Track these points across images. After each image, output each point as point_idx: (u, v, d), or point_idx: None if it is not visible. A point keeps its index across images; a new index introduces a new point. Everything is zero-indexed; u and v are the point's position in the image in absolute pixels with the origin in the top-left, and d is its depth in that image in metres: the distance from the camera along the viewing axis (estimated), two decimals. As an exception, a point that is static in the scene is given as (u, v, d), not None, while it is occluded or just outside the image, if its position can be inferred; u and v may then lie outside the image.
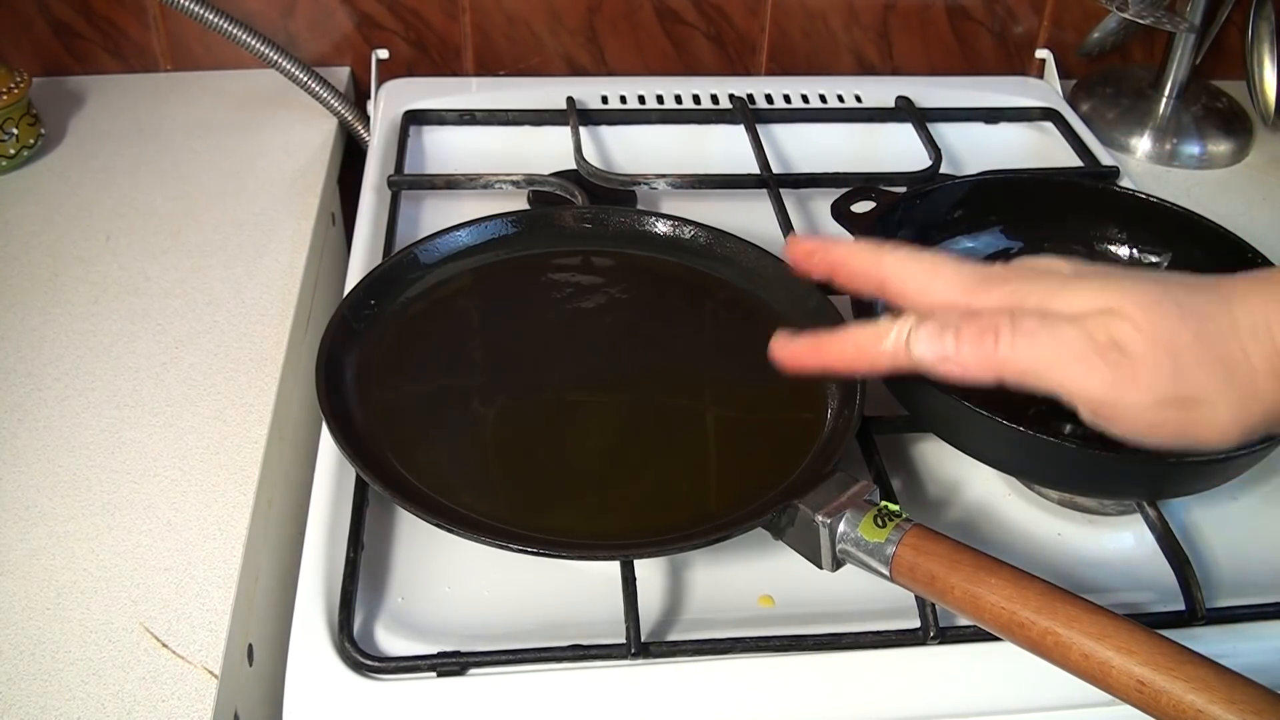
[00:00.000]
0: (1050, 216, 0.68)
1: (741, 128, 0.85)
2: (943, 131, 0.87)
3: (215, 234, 0.74)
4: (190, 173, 0.80)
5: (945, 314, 0.39)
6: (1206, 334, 0.37)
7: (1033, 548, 0.56)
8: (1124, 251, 0.67)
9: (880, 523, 0.47)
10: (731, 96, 0.89)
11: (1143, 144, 0.91)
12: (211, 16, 0.82)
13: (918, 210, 0.66)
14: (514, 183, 0.77)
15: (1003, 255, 0.68)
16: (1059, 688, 0.45)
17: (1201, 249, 0.65)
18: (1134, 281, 0.38)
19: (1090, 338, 0.37)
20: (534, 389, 0.59)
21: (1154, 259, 0.67)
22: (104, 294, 0.69)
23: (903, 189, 0.69)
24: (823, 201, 0.79)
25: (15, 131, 0.78)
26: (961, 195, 0.68)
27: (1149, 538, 0.55)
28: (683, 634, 0.50)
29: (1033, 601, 0.42)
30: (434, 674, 0.47)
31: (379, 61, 0.89)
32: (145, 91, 0.90)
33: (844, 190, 0.68)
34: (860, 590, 0.52)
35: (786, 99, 0.89)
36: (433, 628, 0.50)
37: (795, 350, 0.45)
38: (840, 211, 0.66)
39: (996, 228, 0.68)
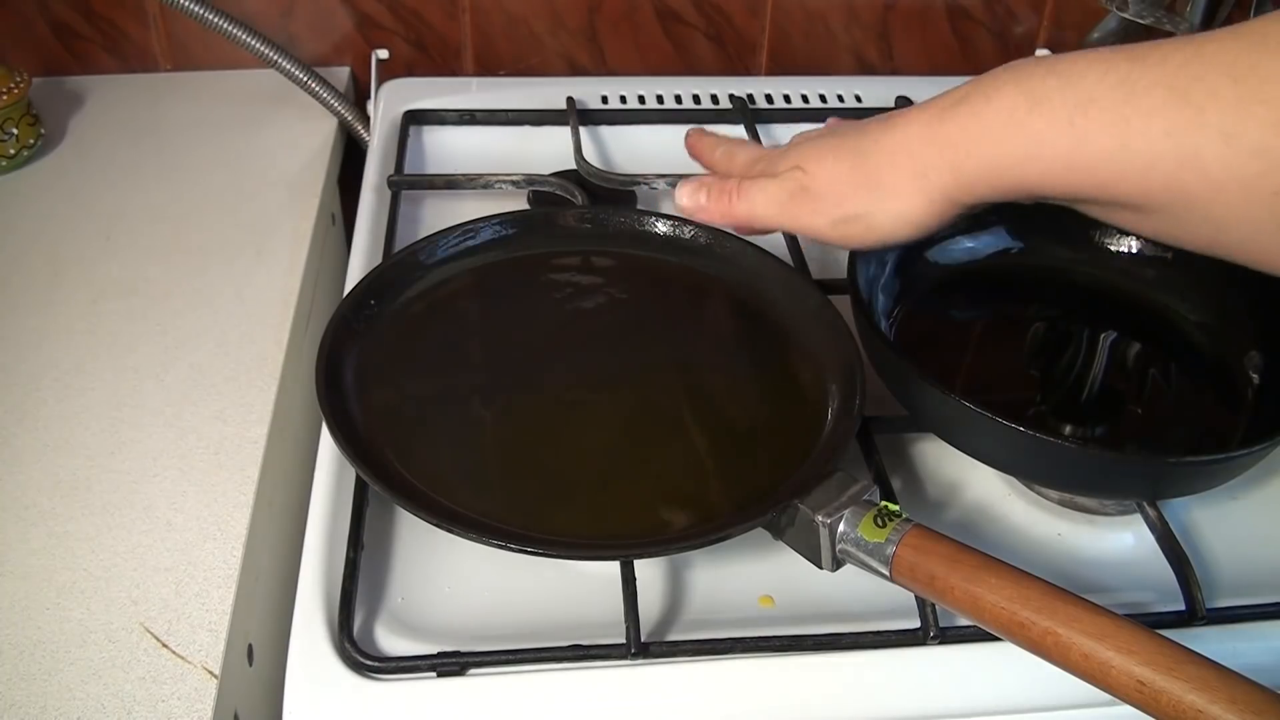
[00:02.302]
0: (1050, 215, 0.68)
1: (741, 128, 0.85)
2: (943, 131, 0.87)
3: (215, 234, 0.74)
4: (190, 173, 0.80)
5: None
6: (860, 168, 0.51)
7: (1033, 548, 0.56)
8: (1126, 247, 0.67)
9: (880, 523, 0.47)
10: (731, 96, 0.89)
11: (1143, 144, 0.91)
12: (211, 16, 0.82)
13: None
14: (514, 183, 0.77)
15: (1004, 255, 0.68)
16: (1059, 688, 0.45)
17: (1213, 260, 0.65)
18: (818, 141, 0.54)
19: (784, 187, 0.53)
20: (534, 389, 0.59)
21: (1160, 254, 0.66)
22: (104, 294, 0.69)
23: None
24: (823, 201, 0.79)
25: (15, 131, 0.78)
26: None
27: (1149, 538, 0.55)
28: (683, 634, 0.50)
29: (1033, 601, 0.42)
30: (434, 674, 0.48)
31: (379, 61, 0.89)
32: (145, 91, 0.90)
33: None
34: (860, 590, 0.52)
35: (786, 99, 0.89)
36: (433, 628, 0.50)
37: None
38: None
39: (998, 227, 0.68)
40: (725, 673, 0.48)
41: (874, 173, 0.50)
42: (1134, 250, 0.67)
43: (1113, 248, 0.67)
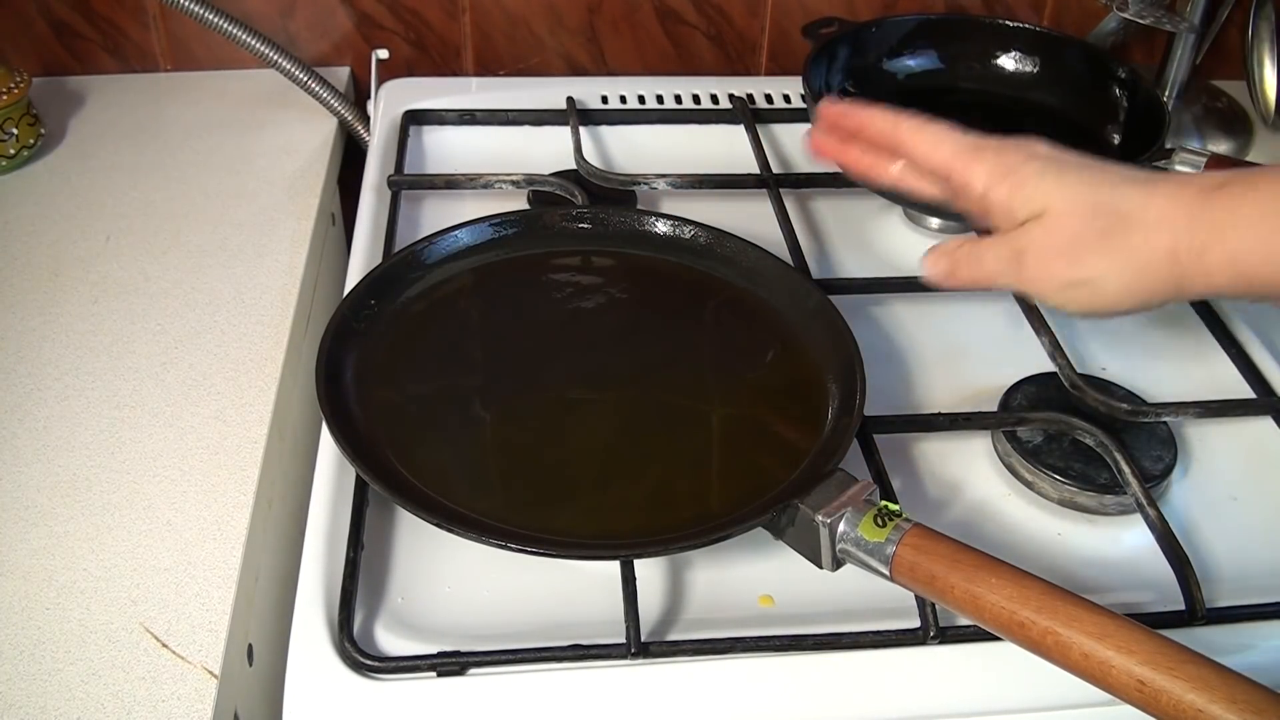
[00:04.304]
0: (967, 44, 0.86)
1: (741, 128, 0.85)
2: (942, 131, 0.87)
3: (215, 234, 0.74)
4: (190, 173, 0.80)
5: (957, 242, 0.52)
6: (1112, 229, 0.45)
7: (1033, 548, 0.56)
8: (1009, 64, 0.86)
9: (880, 522, 0.47)
10: (731, 96, 0.89)
11: (1142, 143, 0.92)
12: (211, 16, 0.82)
13: (872, 36, 0.85)
14: (514, 183, 0.77)
15: (931, 74, 0.86)
16: (1059, 688, 0.45)
17: (1081, 63, 0.84)
18: (1070, 182, 0.47)
19: (1015, 251, 0.48)
20: (534, 389, 0.59)
21: (1029, 68, 0.86)
22: (104, 294, 0.69)
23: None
24: (823, 201, 0.80)
25: (15, 131, 0.78)
26: (909, 28, 0.86)
27: (1149, 538, 0.55)
28: (683, 634, 0.50)
29: (1033, 601, 0.42)
30: (434, 674, 0.47)
31: (379, 61, 0.89)
32: (145, 91, 0.90)
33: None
34: (860, 590, 0.52)
35: (786, 99, 0.89)
36: (433, 628, 0.50)
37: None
38: (809, 32, 0.83)
39: (931, 51, 0.86)
40: (725, 673, 0.48)
41: (1125, 239, 0.45)
42: (1015, 63, 0.86)
43: (1003, 63, 0.86)
